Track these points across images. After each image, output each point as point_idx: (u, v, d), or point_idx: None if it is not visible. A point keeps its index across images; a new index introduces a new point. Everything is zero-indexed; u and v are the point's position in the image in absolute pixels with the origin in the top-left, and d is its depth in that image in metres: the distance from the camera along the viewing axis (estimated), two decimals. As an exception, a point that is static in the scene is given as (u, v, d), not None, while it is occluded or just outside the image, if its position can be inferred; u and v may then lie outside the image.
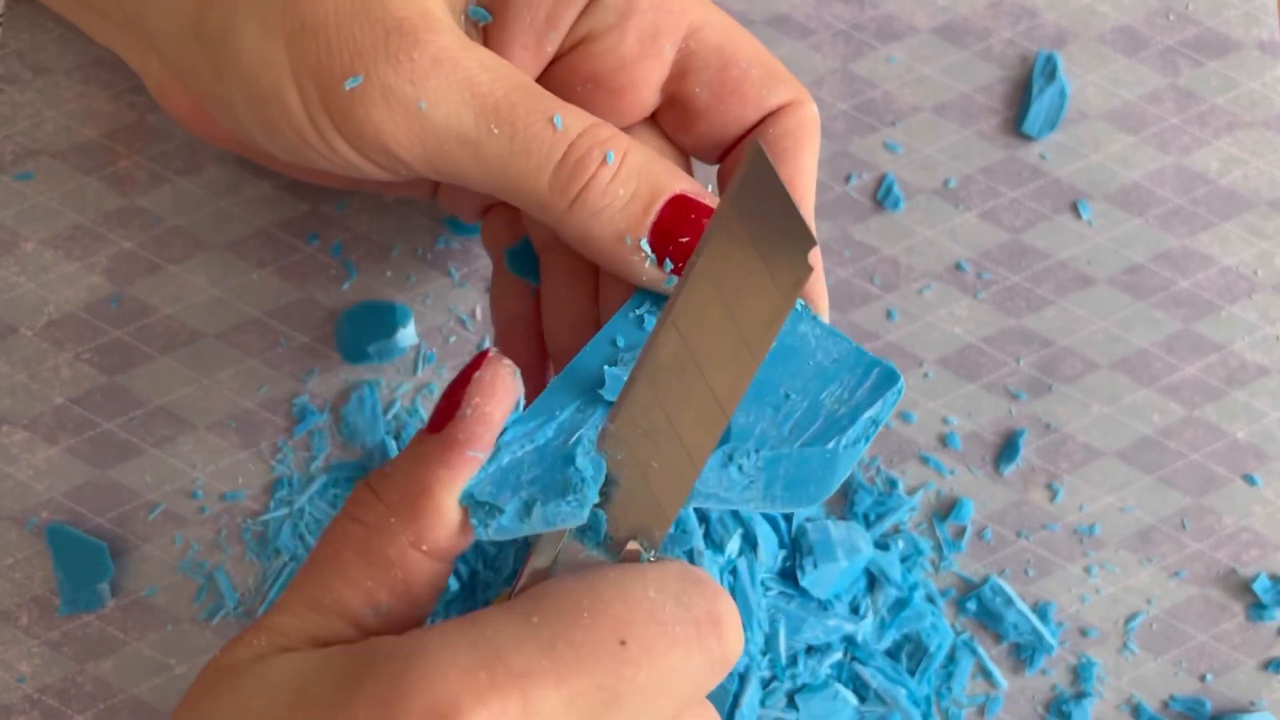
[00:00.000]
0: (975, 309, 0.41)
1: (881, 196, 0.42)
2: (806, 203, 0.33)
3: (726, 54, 0.33)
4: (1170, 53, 0.43)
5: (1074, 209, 0.42)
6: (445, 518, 0.27)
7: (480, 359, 0.28)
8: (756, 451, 0.29)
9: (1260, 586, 0.39)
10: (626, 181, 0.29)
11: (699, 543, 0.36)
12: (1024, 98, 0.43)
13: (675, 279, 0.30)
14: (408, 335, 0.40)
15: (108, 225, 0.41)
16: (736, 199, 0.24)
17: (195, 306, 0.40)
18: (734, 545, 0.37)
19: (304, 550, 0.38)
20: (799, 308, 0.31)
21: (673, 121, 0.34)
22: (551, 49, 0.32)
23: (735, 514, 0.37)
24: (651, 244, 0.30)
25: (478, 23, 0.32)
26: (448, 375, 0.40)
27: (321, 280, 0.41)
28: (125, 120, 0.41)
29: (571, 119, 0.29)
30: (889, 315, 0.41)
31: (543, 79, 0.33)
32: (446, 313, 0.41)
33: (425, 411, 0.39)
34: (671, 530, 0.36)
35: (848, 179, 0.42)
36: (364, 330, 0.40)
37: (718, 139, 0.33)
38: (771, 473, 0.29)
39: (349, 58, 0.29)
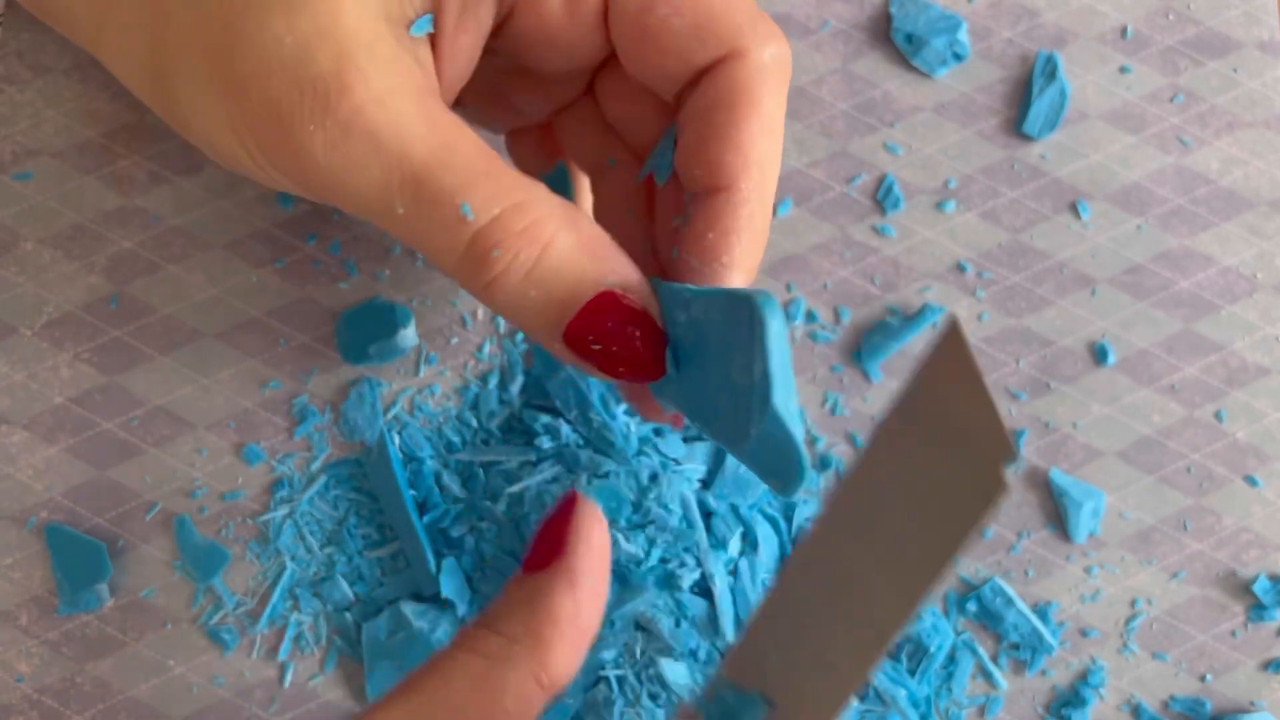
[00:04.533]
0: (975, 309, 0.41)
1: (881, 196, 0.42)
2: (746, 180, 0.29)
3: None
4: (1170, 53, 0.43)
5: (1074, 209, 0.42)
6: (569, 650, 0.27)
7: (571, 502, 0.28)
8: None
9: (1260, 587, 0.39)
10: (539, 284, 0.28)
11: (703, 539, 0.36)
12: (1024, 98, 0.43)
13: (590, 366, 0.29)
14: (408, 336, 0.40)
15: (107, 225, 0.41)
16: (924, 382, 0.20)
17: (195, 306, 0.40)
18: (734, 545, 0.37)
19: (304, 550, 0.38)
20: (664, 289, 0.29)
21: (614, 68, 0.32)
22: (488, 19, 0.30)
23: (736, 514, 0.37)
24: (566, 344, 0.28)
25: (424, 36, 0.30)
26: (450, 376, 0.40)
27: (321, 280, 0.41)
28: (124, 120, 0.41)
29: (481, 204, 0.27)
30: (889, 314, 0.41)
31: (488, 52, 0.32)
32: (447, 313, 0.40)
33: (429, 409, 0.39)
34: (677, 525, 0.36)
35: (848, 179, 0.42)
36: (365, 330, 0.40)
37: (659, 88, 0.31)
38: (755, 467, 0.28)
39: (269, 114, 0.28)
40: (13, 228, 0.41)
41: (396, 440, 0.39)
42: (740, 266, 0.30)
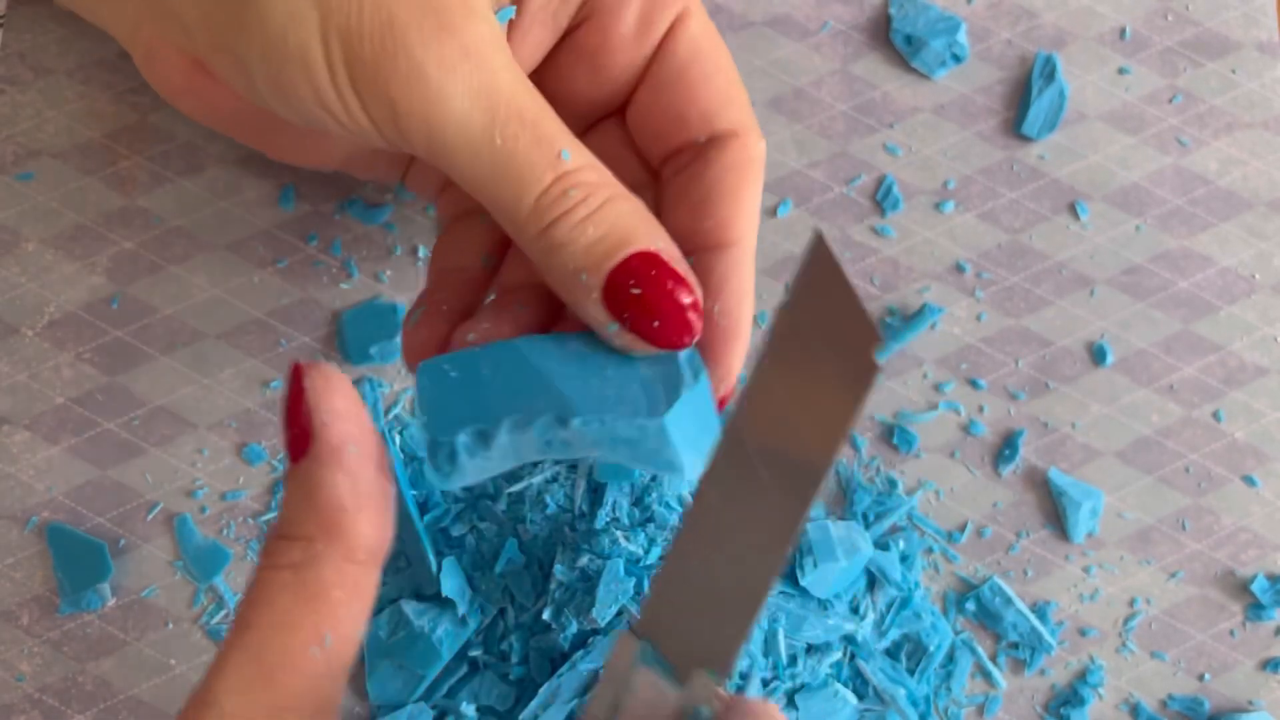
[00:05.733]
0: (974, 309, 0.41)
1: (881, 197, 0.42)
2: (746, 243, 0.32)
3: (699, 50, 0.33)
4: (1170, 53, 0.43)
5: (1072, 210, 0.42)
6: (369, 519, 0.26)
7: (297, 373, 0.27)
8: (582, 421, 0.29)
9: (1259, 587, 0.39)
10: (599, 224, 0.30)
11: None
12: (1023, 98, 0.43)
13: (618, 326, 0.30)
14: (408, 335, 0.40)
15: (109, 225, 0.41)
16: (798, 293, 0.23)
17: (196, 306, 0.40)
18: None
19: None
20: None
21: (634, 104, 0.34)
22: (564, 21, 0.33)
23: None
24: (604, 289, 0.30)
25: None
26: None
27: (322, 280, 0.41)
28: (126, 121, 0.41)
29: (572, 152, 0.30)
30: (889, 314, 0.41)
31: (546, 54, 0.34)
32: (447, 313, 0.41)
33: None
34: (677, 525, 0.36)
35: (848, 180, 0.42)
36: (366, 331, 0.40)
37: (658, 130, 0.33)
38: (606, 439, 0.29)
39: (381, 26, 0.29)
40: (15, 228, 0.41)
41: (398, 440, 0.39)
42: (747, 309, 0.33)
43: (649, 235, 0.30)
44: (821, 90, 0.43)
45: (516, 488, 0.38)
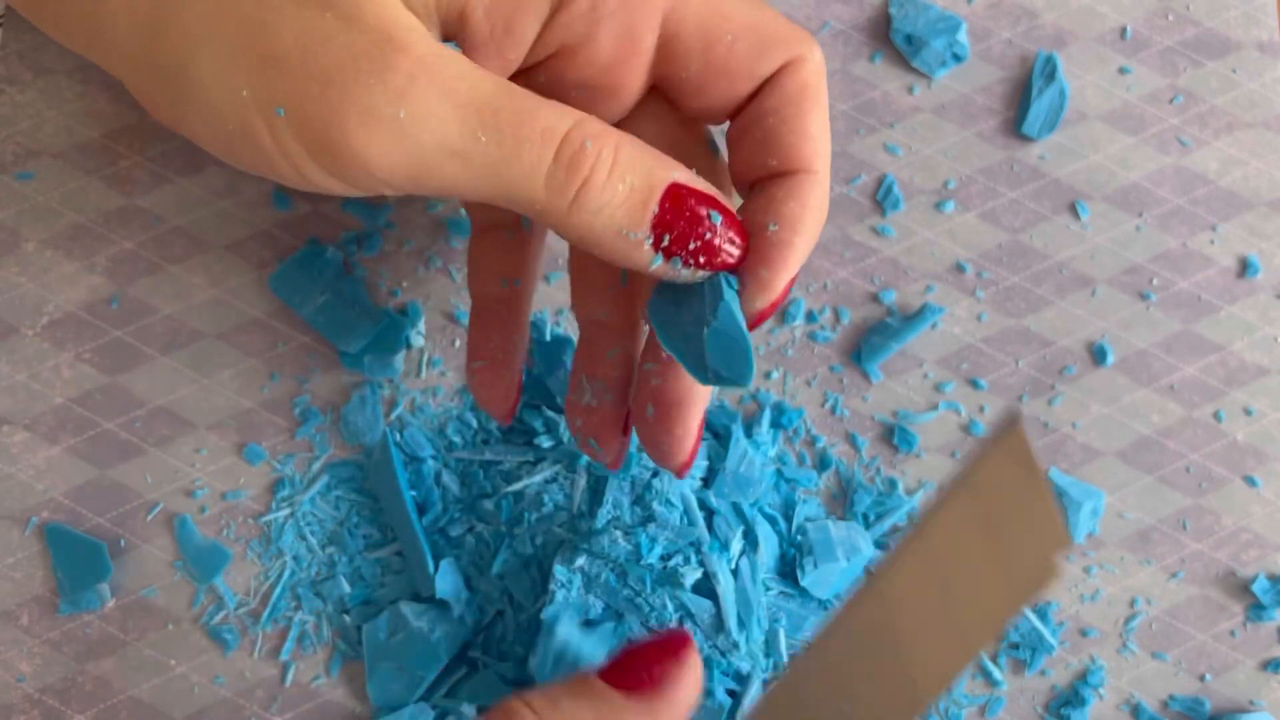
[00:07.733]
0: (975, 309, 0.41)
1: (881, 197, 0.42)
2: (819, 163, 0.31)
3: (709, 30, 0.31)
4: (1170, 53, 0.43)
5: (1073, 209, 0.42)
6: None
7: (682, 644, 0.30)
8: None
9: (1259, 587, 0.39)
10: (624, 176, 0.29)
11: (704, 537, 0.36)
12: (1024, 98, 0.43)
13: (680, 263, 0.29)
14: (413, 336, 0.40)
15: (108, 225, 0.41)
16: (981, 469, 0.21)
17: (195, 306, 0.40)
18: (736, 544, 0.37)
19: (305, 550, 0.38)
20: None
21: (670, 95, 0.33)
22: (515, 56, 0.31)
23: (737, 513, 0.37)
24: (654, 233, 0.29)
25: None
26: (453, 377, 0.40)
27: (322, 280, 0.41)
28: (126, 120, 0.41)
29: (557, 117, 0.29)
30: (889, 314, 0.41)
31: (532, 89, 0.32)
32: (447, 314, 0.41)
33: (431, 409, 0.39)
34: (678, 524, 0.36)
35: (848, 180, 0.42)
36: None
37: (717, 110, 0.32)
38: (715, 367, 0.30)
39: (319, 86, 0.28)
40: (14, 228, 0.41)
41: (398, 439, 0.39)
42: (813, 233, 0.31)
43: (665, 166, 0.29)
44: (822, 90, 0.43)
45: (515, 487, 0.38)
